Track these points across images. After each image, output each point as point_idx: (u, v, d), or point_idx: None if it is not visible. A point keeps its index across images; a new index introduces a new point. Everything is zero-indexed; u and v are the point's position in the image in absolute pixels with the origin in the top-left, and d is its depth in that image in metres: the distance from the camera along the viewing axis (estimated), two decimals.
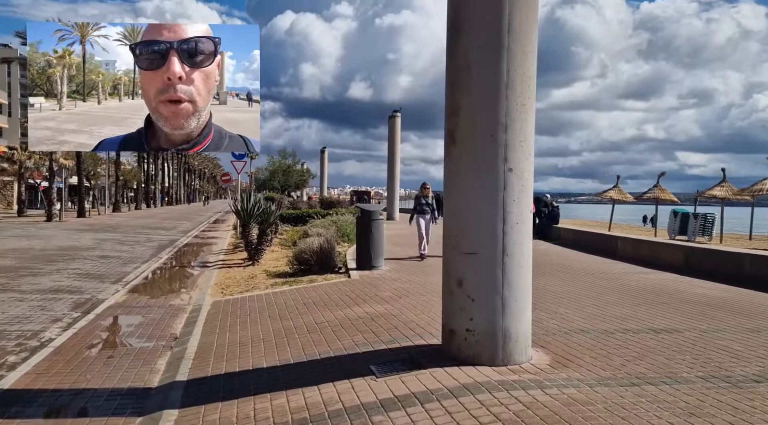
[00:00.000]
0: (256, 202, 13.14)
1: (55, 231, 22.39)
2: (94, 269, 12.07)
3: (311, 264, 9.96)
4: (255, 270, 11.45)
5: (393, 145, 31.86)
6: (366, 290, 7.69)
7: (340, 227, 15.77)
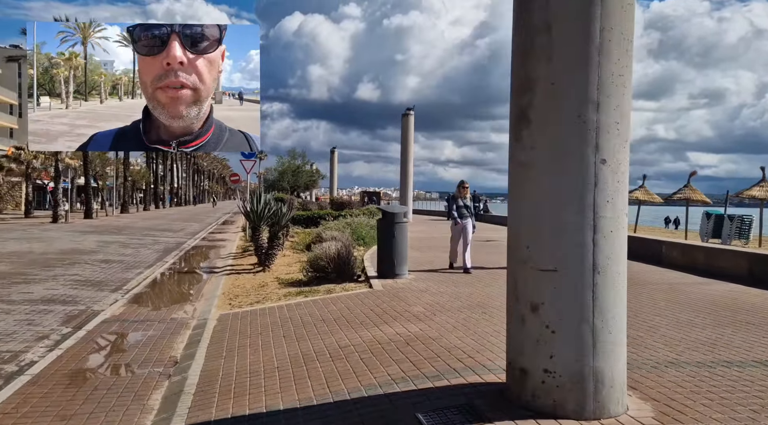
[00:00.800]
0: (266, 203, 12.25)
1: (58, 233, 21.66)
2: (93, 275, 11.23)
3: (328, 272, 9.04)
4: (266, 277, 10.54)
5: (406, 144, 30.90)
6: (393, 304, 6.74)
7: (355, 230, 14.85)
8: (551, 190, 3.16)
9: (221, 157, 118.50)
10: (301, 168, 60.86)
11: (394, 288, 7.92)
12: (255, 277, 10.59)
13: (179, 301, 8.84)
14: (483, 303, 6.70)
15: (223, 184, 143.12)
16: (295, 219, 21.40)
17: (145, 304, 8.55)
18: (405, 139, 31.09)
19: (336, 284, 8.69)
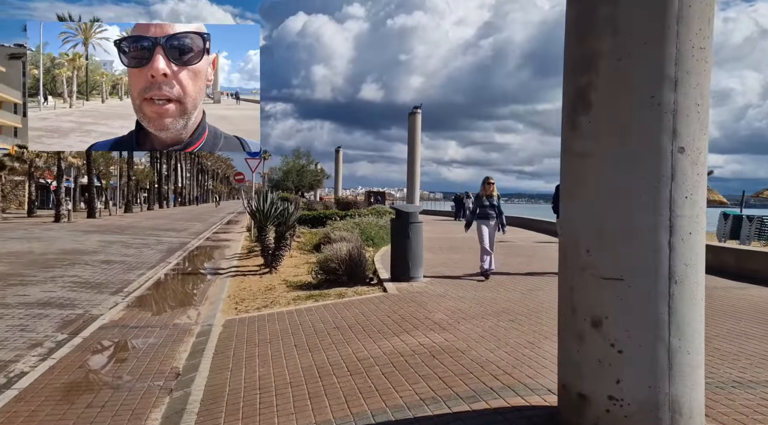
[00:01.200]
0: (272, 203, 11.80)
1: (60, 232, 21.29)
2: (93, 277, 10.80)
3: (338, 275, 8.57)
4: (273, 279, 10.09)
5: (413, 143, 30.44)
6: (411, 310, 6.27)
7: (363, 230, 14.40)
8: (618, 185, 2.68)
9: (225, 156, 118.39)
10: (306, 167, 60.50)
11: (410, 292, 7.45)
12: (262, 279, 10.14)
13: (182, 305, 8.39)
14: (508, 309, 6.23)
15: (227, 184, 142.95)
16: (301, 220, 20.96)
17: (146, 308, 8.11)
18: (412, 138, 30.62)
19: (347, 287, 8.23)
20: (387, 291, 7.59)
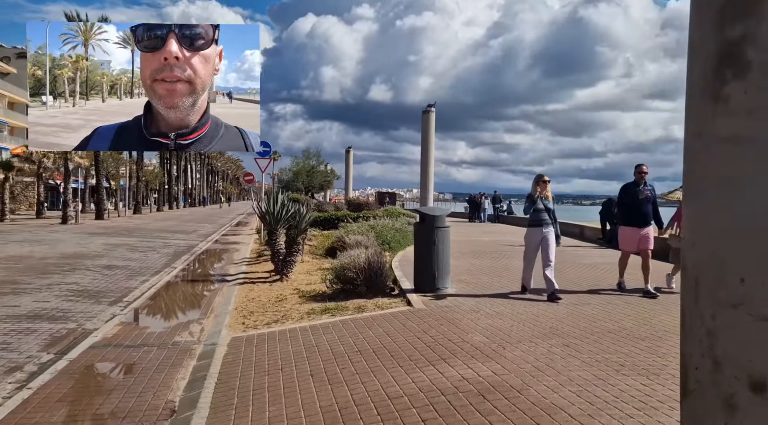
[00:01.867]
0: (283, 204, 11.02)
1: (66, 235, 20.70)
2: (93, 284, 10.09)
3: (356, 284, 7.77)
4: (284, 287, 9.30)
5: (427, 142, 29.47)
6: (443, 329, 5.45)
7: (379, 233, 13.59)
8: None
9: (235, 157, 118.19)
10: (316, 168, 59.85)
11: (439, 306, 6.62)
12: (272, 288, 9.36)
13: (185, 318, 7.63)
14: (557, 329, 5.38)
15: (237, 185, 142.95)
16: (311, 222, 20.24)
17: (144, 322, 7.36)
18: (425, 137, 29.68)
19: (366, 299, 7.43)
20: (412, 305, 6.77)
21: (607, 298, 7.23)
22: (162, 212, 51.30)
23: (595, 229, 17.53)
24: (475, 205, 32.84)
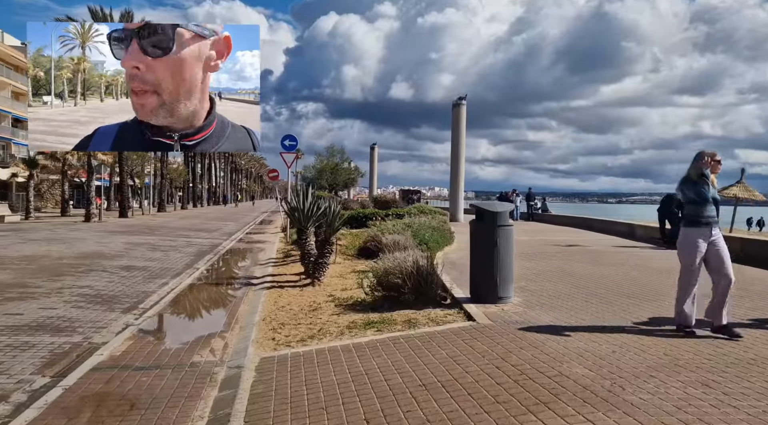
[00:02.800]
0: (314, 201, 9.98)
1: (86, 233, 20.09)
2: (108, 287, 9.22)
3: (402, 292, 6.67)
4: (316, 293, 8.27)
5: (457, 136, 28.27)
6: (525, 354, 4.31)
7: (416, 232, 12.46)
8: None
9: (258, 156, 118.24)
10: (340, 166, 58.97)
11: (508, 321, 5.48)
12: (303, 293, 8.33)
13: (206, 330, 6.63)
14: (675, 356, 4.19)
15: (260, 183, 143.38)
16: None
17: (160, 335, 6.39)
18: (456, 131, 28.45)
19: (415, 310, 6.34)
20: (474, 320, 5.64)
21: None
22: (186, 210, 51.06)
23: (647, 228, 16.12)
24: (506, 202, 31.44)
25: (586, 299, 6.61)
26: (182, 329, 6.88)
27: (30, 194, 28.29)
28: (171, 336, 6.44)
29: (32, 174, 28.81)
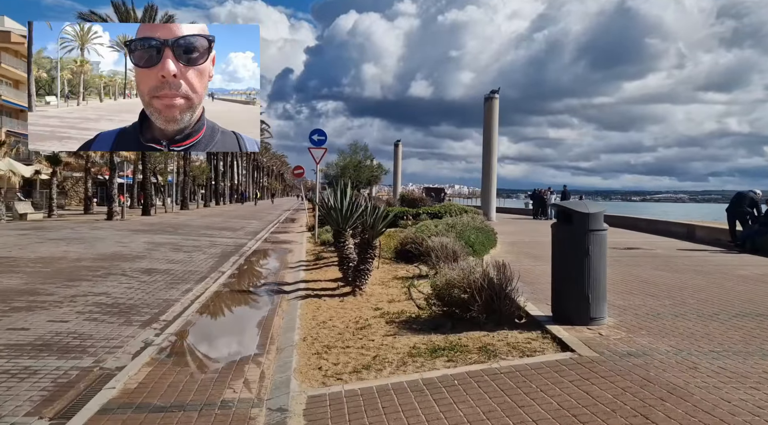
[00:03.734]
0: (353, 200, 8.94)
1: (108, 232, 19.40)
2: (126, 294, 8.32)
3: (469, 308, 5.56)
4: (360, 304, 7.22)
5: (490, 131, 26.99)
6: (674, 411, 3.19)
7: (460, 233, 11.34)
8: None
9: (279, 153, 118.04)
10: (363, 163, 57.96)
11: (617, 353, 4.34)
12: (344, 305, 7.29)
13: (238, 351, 5.63)
14: None
15: (281, 181, 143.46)
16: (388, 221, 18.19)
17: (184, 359, 5.39)
18: (488, 126, 27.15)
19: (486, 332, 5.25)
20: (572, 350, 4.51)
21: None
22: (208, 208, 50.64)
23: (709, 229, 14.71)
24: (540, 200, 30.07)
25: (697, 319, 5.43)
26: (210, 350, 5.89)
27: (53, 191, 27.86)
28: (197, 360, 5.45)
29: (55, 171, 28.39)
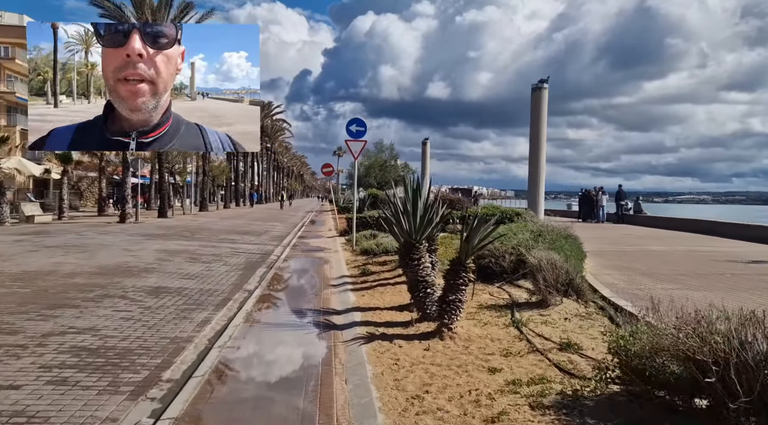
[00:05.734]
0: (430, 205, 6.46)
1: (117, 237, 17.25)
2: (121, 330, 6.02)
3: (691, 393, 3.09)
4: (460, 358, 4.79)
5: (538, 125, 24.19)
6: None
7: (552, 243, 8.82)
8: None
9: (300, 154, 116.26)
10: (388, 163, 55.66)
11: None
12: (434, 357, 4.86)
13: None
14: None
15: (301, 181, 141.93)
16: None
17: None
18: (536, 120, 24.34)
19: None
20: None
21: None
22: (229, 209, 48.69)
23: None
24: (589, 201, 27.29)
25: None
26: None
27: (63, 192, 25.96)
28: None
29: (66, 170, 26.49)
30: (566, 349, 4.79)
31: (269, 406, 4.09)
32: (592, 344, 5.04)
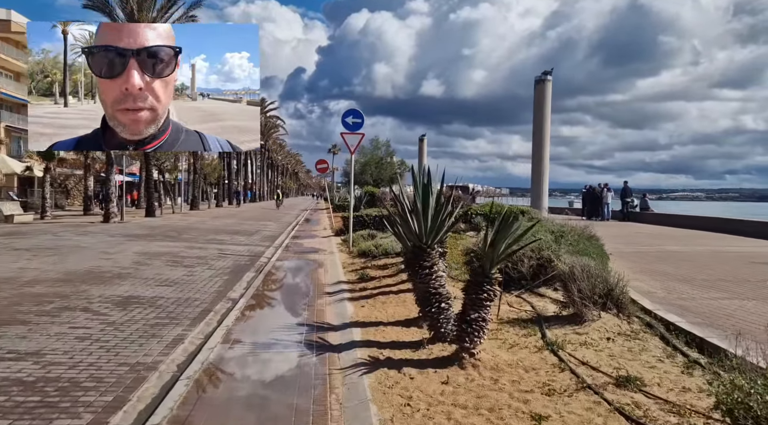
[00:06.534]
0: (442, 203, 5.42)
1: (97, 238, 16.12)
2: (74, 352, 4.98)
3: None
4: (489, 397, 3.76)
5: (541, 119, 23.20)
6: None
7: (574, 244, 7.80)
8: None
9: (295, 152, 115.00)
10: (384, 160, 54.55)
11: None
12: (456, 396, 3.84)
13: None
14: None
15: (296, 180, 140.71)
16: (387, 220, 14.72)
17: None
18: (540, 113, 23.33)
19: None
20: None
21: None
22: (221, 208, 47.50)
23: None
24: (594, 198, 26.33)
25: None
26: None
27: (45, 190, 24.76)
28: None
29: (48, 167, 25.28)
30: (625, 385, 3.77)
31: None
32: (655, 377, 4.02)
